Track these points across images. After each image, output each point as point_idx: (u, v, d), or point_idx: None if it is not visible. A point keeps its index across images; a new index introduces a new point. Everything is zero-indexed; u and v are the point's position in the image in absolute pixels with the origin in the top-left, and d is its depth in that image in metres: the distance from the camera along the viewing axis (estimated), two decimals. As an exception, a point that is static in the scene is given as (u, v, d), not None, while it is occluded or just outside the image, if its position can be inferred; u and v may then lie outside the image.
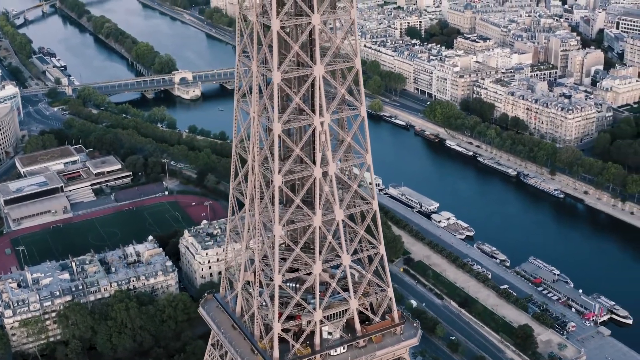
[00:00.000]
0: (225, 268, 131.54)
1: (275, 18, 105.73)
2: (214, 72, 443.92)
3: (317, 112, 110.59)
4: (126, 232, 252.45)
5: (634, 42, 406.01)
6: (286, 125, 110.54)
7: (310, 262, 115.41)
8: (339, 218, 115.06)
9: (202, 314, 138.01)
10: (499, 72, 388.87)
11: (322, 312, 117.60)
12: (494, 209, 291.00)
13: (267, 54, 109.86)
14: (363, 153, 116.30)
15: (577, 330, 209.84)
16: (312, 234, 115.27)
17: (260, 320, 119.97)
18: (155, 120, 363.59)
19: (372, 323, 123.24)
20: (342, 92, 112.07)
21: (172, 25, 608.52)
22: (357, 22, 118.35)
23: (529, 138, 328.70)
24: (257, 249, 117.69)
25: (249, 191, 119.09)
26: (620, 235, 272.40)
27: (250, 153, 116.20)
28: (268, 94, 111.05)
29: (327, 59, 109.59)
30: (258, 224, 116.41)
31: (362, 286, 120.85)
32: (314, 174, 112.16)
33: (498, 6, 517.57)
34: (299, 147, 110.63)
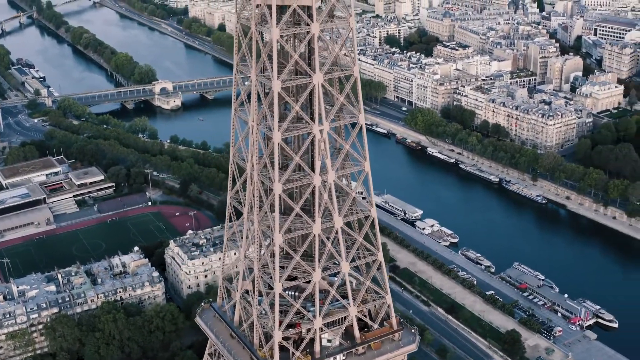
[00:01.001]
0: (222, 277, 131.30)
1: (275, 27, 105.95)
2: (194, 82, 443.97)
3: (317, 120, 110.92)
4: (110, 243, 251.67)
5: (613, 48, 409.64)
6: (286, 133, 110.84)
7: (309, 269, 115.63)
8: (338, 226, 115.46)
9: (199, 323, 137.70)
10: (479, 79, 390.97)
11: (322, 319, 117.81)
12: (477, 216, 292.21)
13: (266, 63, 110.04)
14: (361, 161, 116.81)
15: (563, 334, 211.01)
16: (312, 242, 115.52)
17: (260, 329, 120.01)
18: (137, 130, 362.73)
19: (370, 330, 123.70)
20: (341, 101, 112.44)
21: (151, 35, 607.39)
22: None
23: (511, 145, 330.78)
24: (256, 258, 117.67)
25: (247, 200, 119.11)
26: (602, 240, 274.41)
27: (248, 162, 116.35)
28: (267, 102, 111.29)
29: (326, 67, 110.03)
30: (257, 232, 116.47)
31: (360, 293, 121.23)
32: (313, 182, 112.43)
33: (476, 14, 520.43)
34: (298, 155, 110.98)
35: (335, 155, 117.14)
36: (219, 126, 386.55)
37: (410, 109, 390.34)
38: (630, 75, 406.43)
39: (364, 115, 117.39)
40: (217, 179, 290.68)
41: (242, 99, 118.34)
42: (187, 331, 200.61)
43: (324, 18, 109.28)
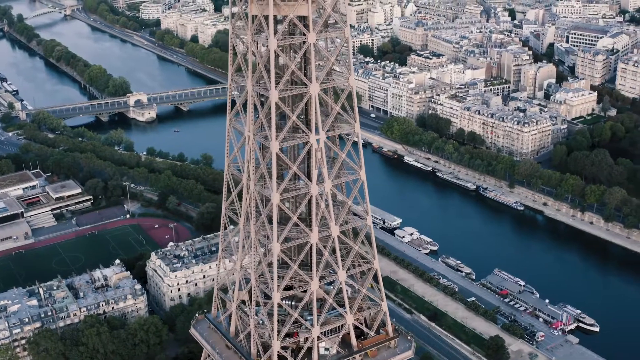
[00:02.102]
0: (217, 288, 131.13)
1: (273, 38, 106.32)
2: (169, 93, 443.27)
3: (313, 130, 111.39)
4: (90, 257, 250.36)
5: (585, 55, 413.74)
6: (283, 143, 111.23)
7: (307, 278, 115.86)
8: (335, 234, 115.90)
9: (194, 334, 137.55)
10: (454, 87, 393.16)
11: (319, 328, 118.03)
12: (455, 223, 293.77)
13: (263, 73, 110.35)
14: (357, 169, 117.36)
15: (546, 339, 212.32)
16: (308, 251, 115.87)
17: (257, 339, 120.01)
18: (113, 143, 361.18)
19: (367, 337, 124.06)
20: (337, 110, 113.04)
21: (123, 47, 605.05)
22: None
23: (487, 152, 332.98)
24: (253, 268, 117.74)
25: (243, 210, 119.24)
26: (580, 245, 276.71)
27: (245, 172, 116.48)
28: (264, 112, 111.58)
29: (322, 77, 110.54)
30: (254, 242, 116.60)
31: (357, 301, 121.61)
32: (310, 191, 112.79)
33: (449, 23, 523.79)
34: (295, 164, 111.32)
35: (330, 164, 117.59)
36: (195, 137, 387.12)
37: (381, 116, 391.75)
38: (602, 81, 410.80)
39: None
40: (196, 191, 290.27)
41: (238, 109, 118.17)
42: (171, 343, 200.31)
43: (319, 28, 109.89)
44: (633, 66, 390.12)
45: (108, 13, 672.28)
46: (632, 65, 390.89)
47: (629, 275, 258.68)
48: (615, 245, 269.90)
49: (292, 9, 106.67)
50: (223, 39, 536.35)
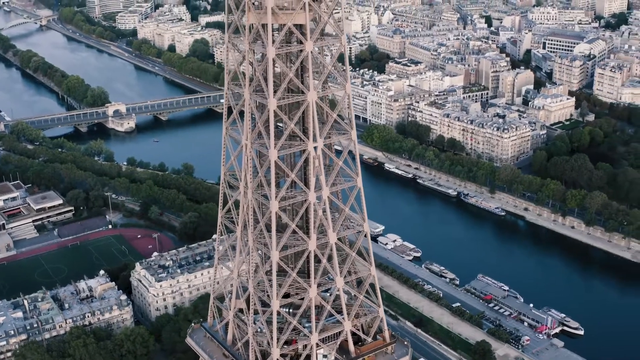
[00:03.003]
0: (213, 296, 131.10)
1: (271, 46, 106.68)
2: (148, 103, 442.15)
3: (311, 137, 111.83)
4: (73, 268, 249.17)
5: (563, 61, 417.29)
6: (281, 151, 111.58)
7: (305, 286, 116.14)
8: (333, 241, 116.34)
9: (190, 344, 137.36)
10: (432, 94, 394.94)
11: (318, 335, 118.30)
12: (438, 229, 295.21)
13: (261, 82, 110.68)
14: (354, 176, 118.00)
15: (531, 343, 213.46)
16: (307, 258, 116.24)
17: (256, 347, 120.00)
18: (93, 153, 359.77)
19: (364, 344, 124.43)
20: (334, 117, 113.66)
21: (100, 57, 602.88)
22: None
23: (467, 158, 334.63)
24: (251, 276, 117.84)
25: (240, 218, 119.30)
26: (562, 250, 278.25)
27: (242, 180, 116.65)
28: (262, 121, 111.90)
29: (319, 85, 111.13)
30: (252, 250, 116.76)
31: (354, 307, 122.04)
32: (308, 198, 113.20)
33: (426, 30, 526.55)
34: (294, 172, 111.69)
35: (326, 171, 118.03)
36: (175, 147, 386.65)
37: (360, 124, 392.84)
38: (580, 87, 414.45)
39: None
40: (178, 200, 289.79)
41: (234, 118, 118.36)
42: (158, 354, 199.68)
43: (316, 36, 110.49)
44: (610, 71, 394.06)
45: (84, 23, 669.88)
46: (609, 71, 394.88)
47: (610, 279, 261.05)
48: (596, 249, 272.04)
49: (290, 17, 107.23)
50: (200, 48, 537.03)
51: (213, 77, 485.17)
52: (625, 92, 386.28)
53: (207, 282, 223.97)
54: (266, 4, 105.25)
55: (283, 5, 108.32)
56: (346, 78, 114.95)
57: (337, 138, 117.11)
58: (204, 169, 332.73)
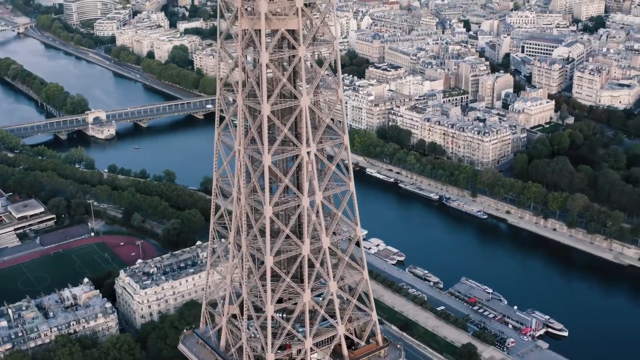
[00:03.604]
0: (205, 302, 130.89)
1: (265, 51, 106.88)
2: (128, 110, 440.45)
3: (304, 142, 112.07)
4: (56, 276, 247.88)
5: (542, 64, 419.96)
6: (274, 157, 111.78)
7: (299, 290, 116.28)
8: (326, 246, 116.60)
9: (183, 350, 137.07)
10: (413, 99, 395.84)
11: (312, 339, 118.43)
12: (420, 233, 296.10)
13: (254, 87, 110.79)
14: (346, 180, 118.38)
15: (516, 345, 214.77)
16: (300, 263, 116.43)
17: (250, 352, 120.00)
18: (73, 161, 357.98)
19: (358, 347, 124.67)
20: (327, 122, 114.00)
21: (78, 65, 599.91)
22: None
23: (449, 162, 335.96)
24: (245, 281, 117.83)
25: (233, 224, 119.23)
26: (545, 252, 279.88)
27: (235, 186, 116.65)
28: (256, 126, 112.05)
29: (312, 90, 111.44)
30: (246, 256, 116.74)
31: (348, 311, 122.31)
32: (302, 203, 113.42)
33: (405, 35, 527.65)
34: (287, 177, 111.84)
35: (319, 176, 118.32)
36: (156, 154, 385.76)
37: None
38: (559, 90, 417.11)
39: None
40: (160, 207, 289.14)
41: (225, 123, 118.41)
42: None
43: (309, 42, 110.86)
44: (589, 74, 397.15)
45: (62, 30, 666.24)
46: (588, 74, 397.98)
47: (593, 280, 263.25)
48: (578, 251, 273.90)
49: (283, 23, 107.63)
50: (179, 55, 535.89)
51: (192, 84, 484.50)
52: (604, 95, 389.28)
53: (192, 289, 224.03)
54: (259, 10, 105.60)
55: (276, 11, 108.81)
56: (338, 83, 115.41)
57: (330, 143, 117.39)
58: (185, 176, 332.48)
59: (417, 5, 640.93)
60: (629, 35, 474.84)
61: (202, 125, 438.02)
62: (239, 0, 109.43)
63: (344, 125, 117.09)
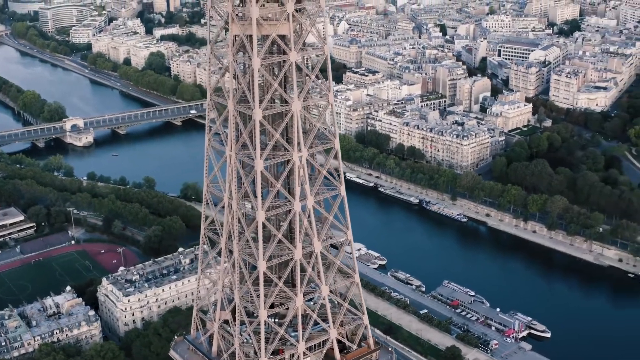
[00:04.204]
0: (197, 308, 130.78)
1: (257, 57, 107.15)
2: (105, 117, 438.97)
3: (295, 147, 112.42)
4: (37, 285, 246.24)
5: (519, 68, 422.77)
6: (266, 162, 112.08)
7: (292, 295, 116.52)
8: (318, 250, 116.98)
9: (174, 357, 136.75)
10: (391, 103, 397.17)
11: (304, 344, 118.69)
12: (401, 237, 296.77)
13: (246, 92, 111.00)
14: (337, 185, 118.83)
15: (500, 347, 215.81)
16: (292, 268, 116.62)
17: (243, 358, 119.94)
18: (52, 169, 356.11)
19: (350, 351, 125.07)
20: (318, 126, 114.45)
21: (54, 72, 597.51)
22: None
23: (428, 166, 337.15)
24: (237, 287, 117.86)
25: (225, 229, 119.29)
26: (525, 254, 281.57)
27: (226, 191, 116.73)
28: (247, 131, 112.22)
29: (303, 95, 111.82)
30: (238, 261, 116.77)
31: (340, 315, 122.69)
32: (294, 208, 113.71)
33: (382, 40, 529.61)
34: (279, 182, 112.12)
35: (310, 181, 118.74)
36: (135, 161, 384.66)
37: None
38: (536, 93, 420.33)
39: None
40: (141, 214, 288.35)
41: (216, 129, 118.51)
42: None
43: (300, 47, 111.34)
44: (566, 77, 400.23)
45: (37, 38, 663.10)
46: (564, 77, 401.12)
47: (574, 281, 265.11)
48: (559, 253, 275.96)
49: (274, 28, 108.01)
50: (156, 62, 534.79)
51: (170, 90, 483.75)
52: (581, 98, 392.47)
53: (175, 296, 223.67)
54: (251, 15, 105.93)
55: (267, 16, 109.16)
56: (329, 87, 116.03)
57: (321, 147, 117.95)
58: (164, 182, 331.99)
59: (393, 10, 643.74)
60: (604, 38, 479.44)
61: (180, 132, 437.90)
62: (230, 6, 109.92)
63: (335, 129, 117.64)
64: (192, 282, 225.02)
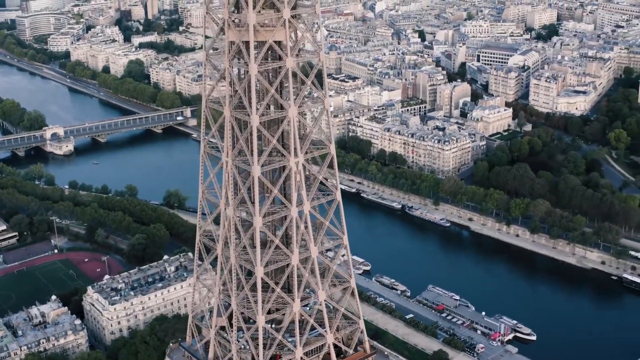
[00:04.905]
0: (192, 315, 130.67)
1: (254, 63, 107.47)
2: (85, 125, 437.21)
3: (292, 152, 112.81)
4: (21, 294, 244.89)
5: (498, 73, 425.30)
6: (263, 167, 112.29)
7: (289, 300, 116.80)
8: (314, 255, 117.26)
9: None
10: (372, 109, 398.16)
11: (302, 349, 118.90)
12: (385, 242, 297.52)
13: (243, 98, 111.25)
14: (333, 190, 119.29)
15: (486, 351, 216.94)
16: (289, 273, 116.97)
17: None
18: (33, 177, 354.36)
19: (346, 356, 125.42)
20: (314, 132, 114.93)
21: (33, 80, 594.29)
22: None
23: (411, 171, 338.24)
24: (234, 293, 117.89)
25: (221, 235, 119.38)
26: (509, 258, 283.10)
27: (222, 198, 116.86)
28: (244, 137, 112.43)
29: (300, 100, 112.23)
30: (235, 267, 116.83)
31: (336, 320, 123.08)
32: (291, 213, 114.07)
33: (361, 46, 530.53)
34: (276, 187, 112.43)
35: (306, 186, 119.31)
36: (116, 169, 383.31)
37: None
38: (516, 98, 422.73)
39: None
40: (124, 222, 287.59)
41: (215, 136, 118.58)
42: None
43: (296, 53, 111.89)
44: (545, 82, 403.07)
45: (15, 46, 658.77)
46: (544, 81, 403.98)
47: (557, 284, 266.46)
48: (542, 256, 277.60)
49: (270, 34, 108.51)
50: (136, 69, 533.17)
51: (150, 98, 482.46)
52: (561, 102, 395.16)
53: (161, 304, 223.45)
54: (248, 22, 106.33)
55: (263, 22, 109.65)
56: (325, 92, 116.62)
57: (317, 152, 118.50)
58: (147, 190, 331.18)
59: (371, 16, 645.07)
60: (582, 42, 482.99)
61: (160, 140, 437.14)
62: (226, 13, 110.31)
63: (331, 134, 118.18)
64: (178, 289, 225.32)
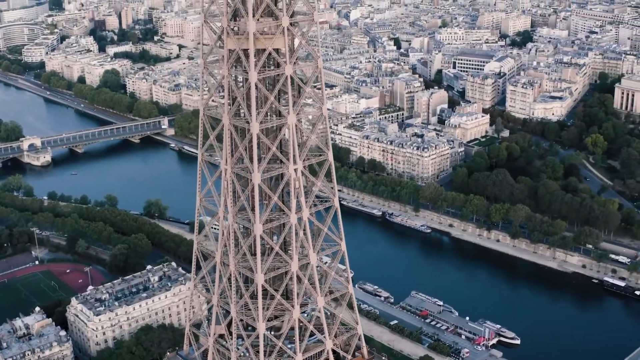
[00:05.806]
0: (189, 324, 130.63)
1: (254, 71, 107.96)
2: (63, 136, 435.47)
3: (291, 159, 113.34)
4: (2, 306, 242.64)
5: (475, 79, 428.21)
6: (263, 175, 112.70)
7: (289, 307, 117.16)
8: (313, 261, 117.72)
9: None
10: (350, 117, 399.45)
11: (302, 355, 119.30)
12: (366, 249, 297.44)
13: (243, 106, 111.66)
14: (331, 197, 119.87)
15: (471, 355, 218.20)
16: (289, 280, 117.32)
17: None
18: (12, 189, 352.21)
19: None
20: (312, 139, 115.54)
21: (7, 91, 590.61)
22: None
23: (390, 178, 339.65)
24: (234, 300, 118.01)
25: (220, 243, 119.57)
26: (490, 263, 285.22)
27: (221, 205, 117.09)
28: (244, 145, 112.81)
29: (298, 107, 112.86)
30: (234, 274, 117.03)
31: (335, 326, 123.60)
32: (290, 220, 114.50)
33: (337, 54, 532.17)
34: (276, 194, 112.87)
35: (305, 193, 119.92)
36: (94, 179, 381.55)
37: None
38: (493, 104, 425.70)
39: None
40: (105, 233, 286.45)
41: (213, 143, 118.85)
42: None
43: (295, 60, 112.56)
44: (522, 88, 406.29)
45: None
46: (520, 87, 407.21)
47: (539, 288, 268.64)
48: (522, 261, 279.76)
49: (270, 42, 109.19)
50: (112, 79, 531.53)
51: (127, 108, 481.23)
52: (538, 108, 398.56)
53: (145, 314, 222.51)
54: (248, 30, 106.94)
55: (263, 30, 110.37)
56: (322, 99, 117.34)
57: (314, 159, 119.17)
58: (127, 200, 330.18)
59: (346, 24, 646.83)
60: (556, 48, 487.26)
61: (138, 149, 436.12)
62: (225, 21, 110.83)
63: (328, 141, 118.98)
64: (162, 299, 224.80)
